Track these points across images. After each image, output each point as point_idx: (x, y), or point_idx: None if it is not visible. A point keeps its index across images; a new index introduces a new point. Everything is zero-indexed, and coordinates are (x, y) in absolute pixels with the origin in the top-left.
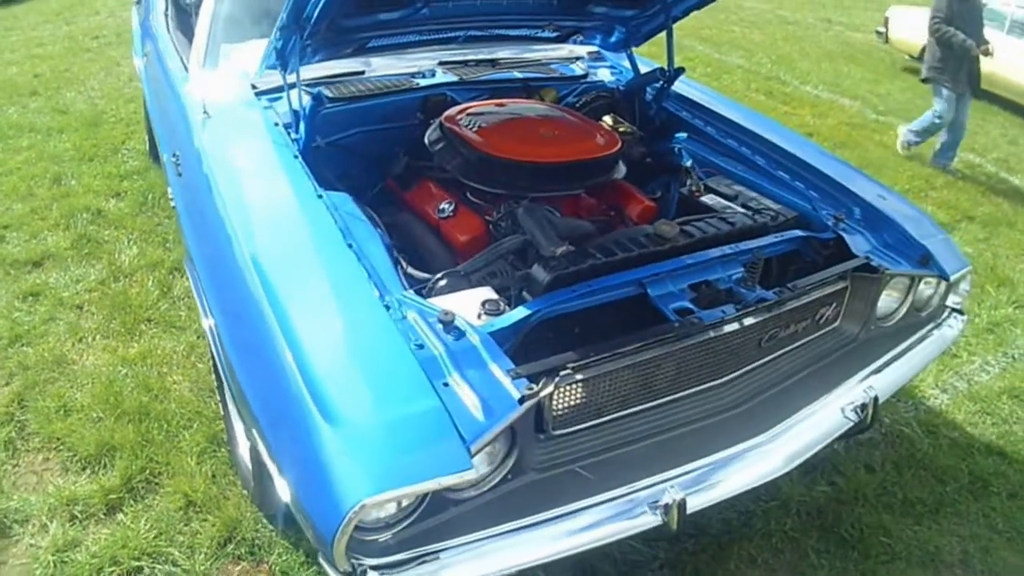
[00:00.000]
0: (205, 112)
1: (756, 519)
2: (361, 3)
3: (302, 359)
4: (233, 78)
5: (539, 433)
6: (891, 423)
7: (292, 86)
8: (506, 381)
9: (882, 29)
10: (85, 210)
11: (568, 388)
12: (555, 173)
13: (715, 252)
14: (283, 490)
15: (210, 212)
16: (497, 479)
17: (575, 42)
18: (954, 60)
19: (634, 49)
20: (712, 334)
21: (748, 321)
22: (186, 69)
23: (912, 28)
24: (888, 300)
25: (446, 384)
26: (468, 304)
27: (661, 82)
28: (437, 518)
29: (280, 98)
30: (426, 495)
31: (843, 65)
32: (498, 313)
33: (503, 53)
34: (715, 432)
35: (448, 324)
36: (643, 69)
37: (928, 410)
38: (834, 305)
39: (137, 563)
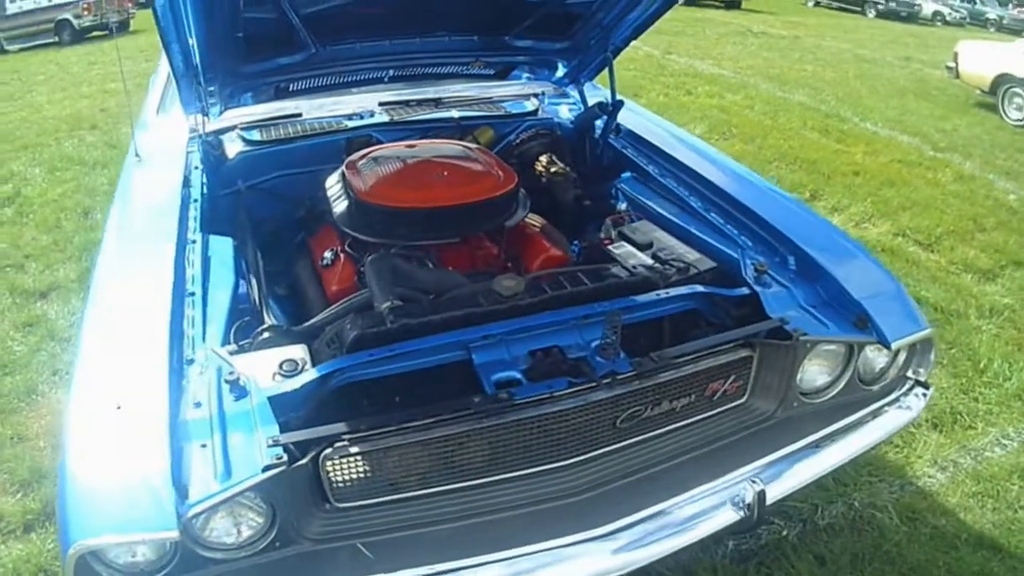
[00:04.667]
0: (136, 155)
1: None
2: (249, 49)
3: (78, 396)
4: (180, 124)
5: (324, 503)
6: (863, 506)
7: (202, 132)
8: (260, 448)
9: (952, 64)
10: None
11: (345, 461)
12: (432, 219)
13: (571, 313)
14: None
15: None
16: (263, 544)
17: (529, 79)
18: None
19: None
20: (533, 413)
21: (591, 397)
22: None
23: (982, 62)
24: (815, 372)
25: (204, 445)
26: (269, 364)
27: (602, 117)
28: (196, 574)
29: (218, 141)
30: (176, 548)
31: (912, 102)
32: (294, 375)
33: (450, 91)
34: (546, 520)
35: (233, 384)
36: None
37: (916, 491)
38: (733, 378)
39: None
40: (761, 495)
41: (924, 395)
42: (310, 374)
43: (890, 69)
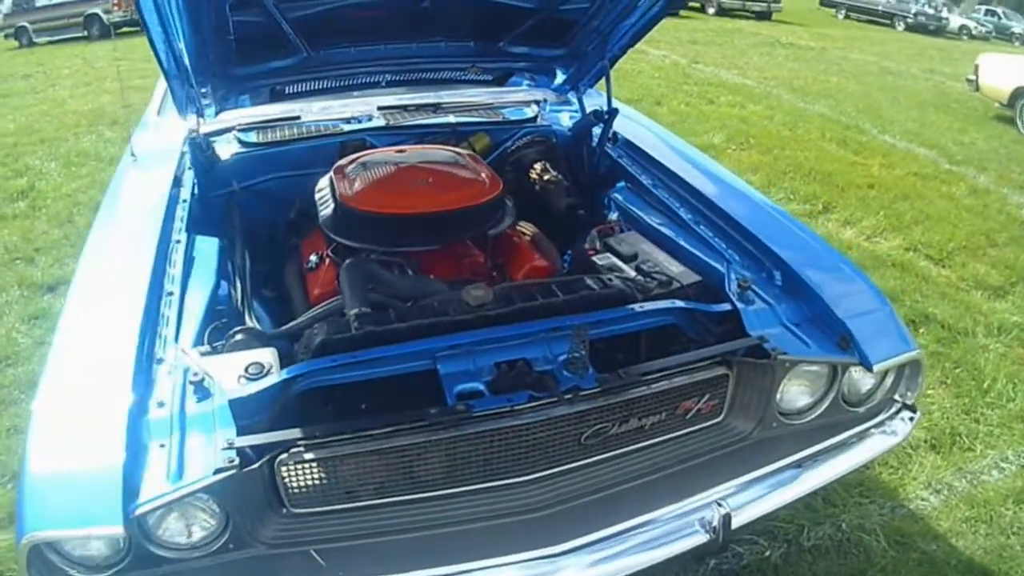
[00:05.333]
0: (132, 155)
1: None
2: (240, 52)
3: (44, 390)
4: (179, 125)
5: (280, 508)
6: (851, 528)
7: (197, 134)
8: (215, 451)
9: (972, 77)
10: None
11: (300, 466)
12: (412, 226)
13: (540, 325)
14: None
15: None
16: (216, 546)
17: (530, 86)
18: None
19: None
20: (493, 426)
21: (554, 412)
22: None
23: (1001, 75)
24: (797, 392)
25: (162, 445)
26: (235, 366)
27: (599, 125)
28: (151, 571)
29: (215, 142)
30: (130, 544)
31: (932, 114)
32: (258, 378)
33: (450, 97)
34: (506, 535)
35: (197, 385)
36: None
37: (908, 515)
38: (708, 396)
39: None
40: (726, 519)
41: (911, 419)
42: (273, 378)
43: (913, 81)
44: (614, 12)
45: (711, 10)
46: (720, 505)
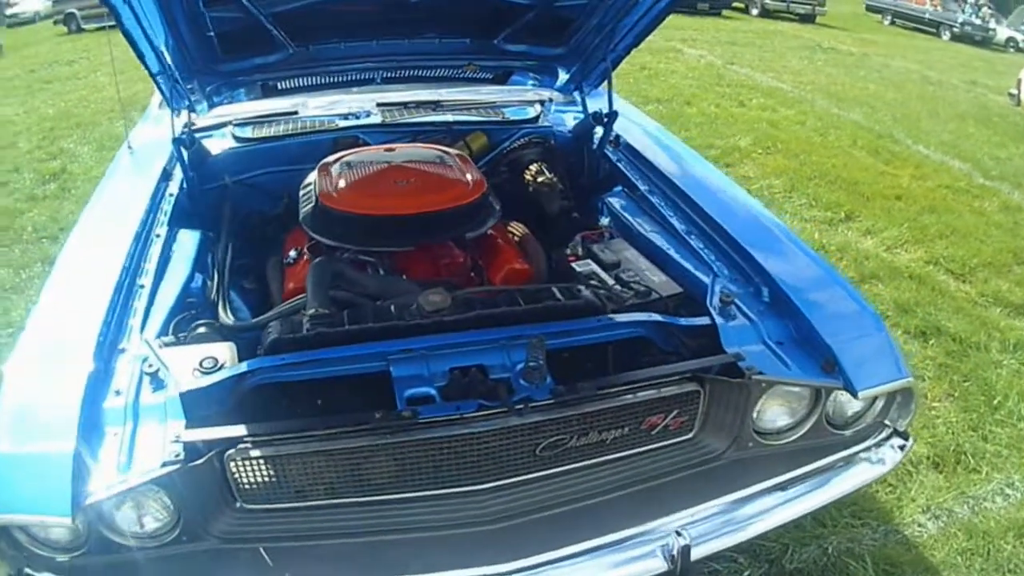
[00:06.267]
0: (129, 147)
1: None
2: (224, 48)
3: (7, 378)
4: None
5: (234, 502)
6: (838, 553)
7: (189, 128)
8: (164, 443)
9: (1014, 91)
10: None
11: (248, 463)
12: (386, 227)
13: (500, 333)
14: None
15: None
16: (169, 537)
17: (535, 85)
18: None
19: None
20: (442, 433)
21: (508, 422)
22: None
23: None
24: (776, 412)
25: (115, 434)
26: (192, 359)
27: (598, 127)
28: (110, 557)
29: (211, 136)
30: (89, 531)
31: (971, 127)
32: (211, 372)
33: (451, 95)
34: (455, 547)
35: (153, 376)
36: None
37: (901, 541)
38: (676, 412)
39: None
40: (685, 550)
41: (901, 447)
42: (225, 373)
43: (954, 92)
44: (613, 10)
45: (754, 11)
46: (679, 535)
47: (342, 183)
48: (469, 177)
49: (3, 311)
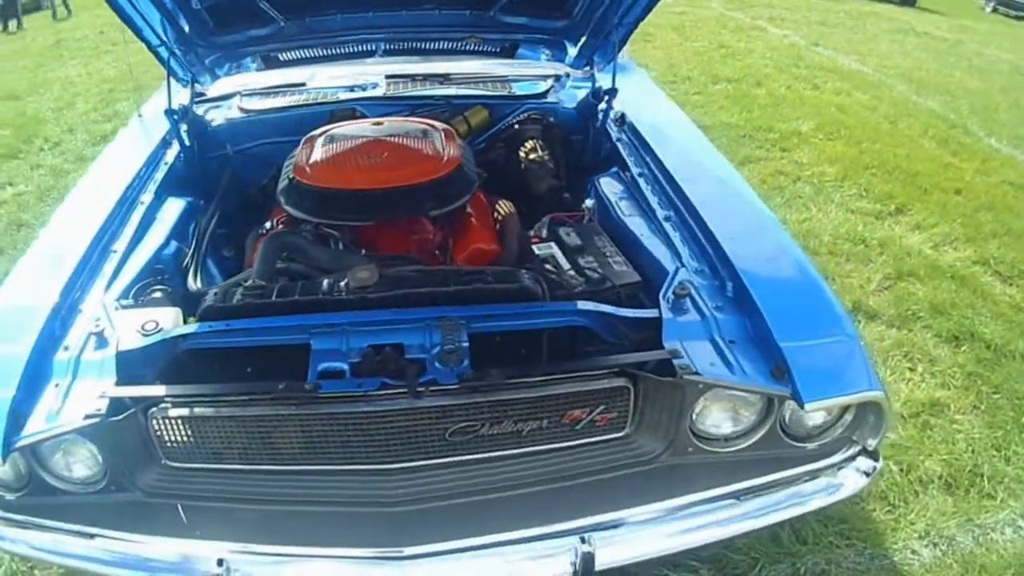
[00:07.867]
0: (139, 115)
1: None
2: (216, 21)
3: None
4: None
5: (160, 459)
6: (811, 575)
7: (192, 98)
8: (91, 397)
9: None
10: None
11: (168, 422)
12: (350, 201)
13: (424, 313)
14: None
15: None
16: (100, 486)
17: (548, 59)
18: None
19: None
20: (345, 409)
21: (415, 404)
22: None
23: None
24: (720, 416)
25: (56, 385)
26: (136, 321)
27: (599, 104)
28: (52, 499)
29: (219, 106)
30: (30, 473)
31: None
32: (150, 335)
33: (461, 68)
34: (359, 526)
35: (99, 335)
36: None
37: (886, 569)
38: (603, 408)
39: None
40: (588, 558)
41: (867, 473)
42: (157, 336)
43: None
44: None
45: None
46: (584, 541)
47: (316, 156)
48: (445, 153)
49: None
